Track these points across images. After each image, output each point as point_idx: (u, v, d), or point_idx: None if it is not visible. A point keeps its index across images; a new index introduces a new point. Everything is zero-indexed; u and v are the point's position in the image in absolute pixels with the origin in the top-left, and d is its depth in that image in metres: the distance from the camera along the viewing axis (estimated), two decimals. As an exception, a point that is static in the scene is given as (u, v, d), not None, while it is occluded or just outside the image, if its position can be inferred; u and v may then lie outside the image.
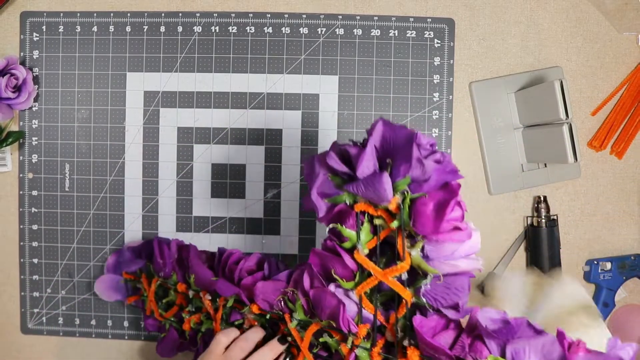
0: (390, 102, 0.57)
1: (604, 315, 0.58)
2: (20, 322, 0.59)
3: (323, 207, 0.37)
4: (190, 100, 0.57)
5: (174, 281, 0.51)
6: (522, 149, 0.57)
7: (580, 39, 0.58)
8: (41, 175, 0.58)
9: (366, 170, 0.33)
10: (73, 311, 0.58)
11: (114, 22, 0.57)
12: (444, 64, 0.57)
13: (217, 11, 0.57)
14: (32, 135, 0.58)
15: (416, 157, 0.32)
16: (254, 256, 0.48)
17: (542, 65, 0.58)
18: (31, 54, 0.58)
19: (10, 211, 0.58)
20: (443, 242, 0.33)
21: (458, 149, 0.58)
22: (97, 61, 0.58)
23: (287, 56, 0.57)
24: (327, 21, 0.57)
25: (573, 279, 0.46)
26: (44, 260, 0.58)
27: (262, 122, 0.57)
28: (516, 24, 0.57)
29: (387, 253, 0.37)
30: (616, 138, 0.58)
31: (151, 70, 0.57)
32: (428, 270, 0.34)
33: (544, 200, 0.57)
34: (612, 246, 0.59)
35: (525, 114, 0.56)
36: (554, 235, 0.56)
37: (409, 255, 0.34)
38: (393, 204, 0.33)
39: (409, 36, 0.57)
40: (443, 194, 0.33)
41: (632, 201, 0.59)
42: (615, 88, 0.58)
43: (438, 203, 0.32)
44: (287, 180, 0.57)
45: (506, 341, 0.30)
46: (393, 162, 0.33)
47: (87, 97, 0.58)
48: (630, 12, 0.55)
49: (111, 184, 0.58)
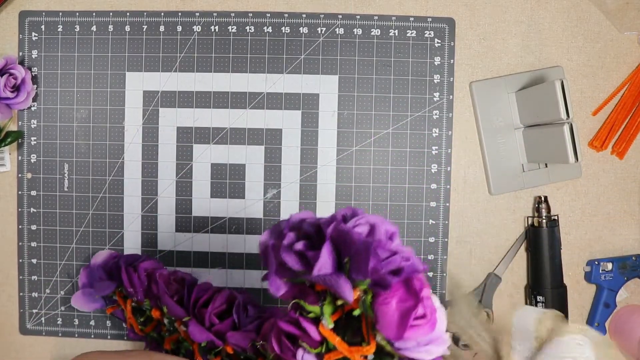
0: (390, 101, 0.57)
1: (605, 317, 0.58)
2: (18, 323, 0.59)
3: (283, 287, 0.36)
4: (190, 100, 0.57)
5: (147, 306, 0.50)
6: (522, 149, 0.57)
7: (581, 39, 0.58)
8: (40, 175, 0.58)
9: (323, 270, 0.32)
10: (72, 312, 0.58)
11: (113, 22, 0.57)
12: (444, 63, 0.57)
13: (217, 11, 0.57)
14: (31, 135, 0.58)
15: (372, 267, 0.30)
16: (222, 295, 0.47)
17: (543, 65, 0.57)
18: (30, 53, 0.57)
19: (9, 211, 0.58)
20: (408, 339, 0.32)
21: (458, 148, 0.58)
22: (96, 61, 0.57)
23: (287, 56, 0.57)
24: (327, 21, 0.57)
25: (586, 333, 0.40)
26: (42, 260, 0.58)
27: (261, 122, 0.57)
28: (517, 24, 0.57)
29: (353, 324, 0.35)
30: (617, 138, 0.58)
31: (150, 70, 0.57)
32: (394, 354, 0.33)
33: (545, 200, 0.57)
34: (613, 246, 0.59)
35: (525, 113, 0.56)
36: (554, 235, 0.56)
37: (373, 340, 0.33)
38: (354, 299, 0.32)
39: (409, 36, 0.57)
40: (406, 295, 0.31)
41: (633, 201, 0.58)
42: (616, 88, 0.58)
43: (401, 309, 0.31)
44: (287, 180, 0.57)
45: None
46: (351, 263, 0.32)
47: (86, 96, 0.58)
48: (631, 11, 0.55)
49: (110, 184, 0.58)
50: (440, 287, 0.58)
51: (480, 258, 0.58)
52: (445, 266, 0.58)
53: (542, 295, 0.55)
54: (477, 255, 0.58)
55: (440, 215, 0.57)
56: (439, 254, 0.58)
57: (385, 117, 0.57)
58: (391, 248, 0.32)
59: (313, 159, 0.57)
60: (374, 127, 0.57)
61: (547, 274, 0.56)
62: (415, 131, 0.57)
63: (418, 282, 0.31)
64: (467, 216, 0.58)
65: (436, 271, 0.58)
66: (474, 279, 0.58)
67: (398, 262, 0.31)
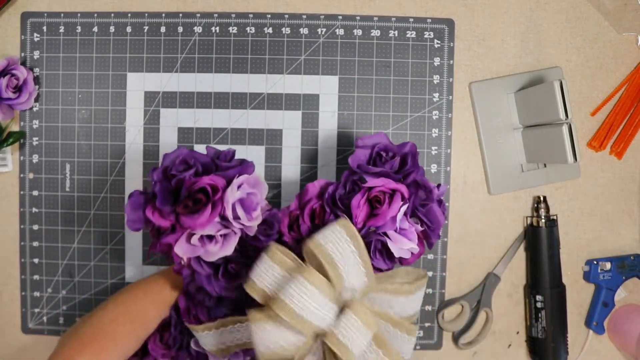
0: (390, 102, 0.57)
1: (604, 316, 0.58)
2: (20, 322, 0.59)
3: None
4: (191, 100, 0.58)
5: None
6: (521, 149, 0.57)
7: (579, 40, 0.58)
8: (42, 175, 0.58)
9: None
10: (74, 311, 0.58)
11: (115, 23, 0.57)
12: (443, 64, 0.57)
13: (218, 12, 0.57)
14: (33, 135, 0.58)
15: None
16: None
17: (542, 66, 0.58)
18: (32, 54, 0.58)
19: (11, 211, 0.59)
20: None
21: (458, 149, 0.58)
22: (97, 61, 0.58)
23: (287, 57, 0.57)
24: (327, 22, 0.57)
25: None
26: (44, 260, 0.58)
27: (262, 122, 0.58)
28: (516, 25, 0.58)
29: None
30: (616, 138, 0.58)
31: (151, 70, 0.57)
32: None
33: (544, 200, 0.57)
34: (611, 246, 0.59)
35: (524, 114, 0.56)
36: (553, 235, 0.56)
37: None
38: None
39: (408, 37, 0.57)
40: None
41: (631, 201, 0.59)
42: (614, 88, 0.58)
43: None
44: (287, 180, 0.58)
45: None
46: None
47: (88, 97, 0.58)
48: (630, 12, 0.56)
49: (111, 184, 0.58)
50: (440, 287, 0.58)
51: (479, 257, 0.58)
52: (445, 266, 0.58)
53: (541, 295, 0.56)
54: (476, 255, 0.58)
55: (439, 215, 0.58)
56: (439, 254, 0.58)
57: (385, 117, 0.57)
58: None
59: (313, 159, 0.57)
60: (373, 128, 0.57)
61: (546, 273, 0.56)
62: (415, 131, 0.57)
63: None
64: (467, 216, 0.58)
65: (436, 271, 0.58)
66: (473, 278, 0.58)
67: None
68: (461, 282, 0.58)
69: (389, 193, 0.43)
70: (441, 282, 0.58)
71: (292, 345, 0.38)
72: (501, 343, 0.59)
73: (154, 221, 0.41)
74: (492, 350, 0.59)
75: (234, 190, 0.41)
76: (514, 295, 0.59)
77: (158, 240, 0.42)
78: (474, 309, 0.58)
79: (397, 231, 0.43)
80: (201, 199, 0.41)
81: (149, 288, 0.47)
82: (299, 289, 0.37)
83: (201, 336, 0.44)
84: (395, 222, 0.42)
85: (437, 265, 0.58)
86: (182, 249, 0.41)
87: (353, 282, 0.39)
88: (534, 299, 0.56)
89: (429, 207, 0.44)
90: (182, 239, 0.41)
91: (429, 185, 0.45)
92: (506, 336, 0.59)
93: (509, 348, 0.59)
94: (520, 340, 0.59)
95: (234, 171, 0.43)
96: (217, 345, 0.44)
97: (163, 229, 0.41)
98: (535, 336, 0.57)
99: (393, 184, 0.43)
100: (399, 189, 0.43)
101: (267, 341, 0.38)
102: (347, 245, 0.39)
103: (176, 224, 0.41)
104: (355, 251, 0.39)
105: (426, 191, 0.45)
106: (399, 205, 0.42)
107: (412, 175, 0.44)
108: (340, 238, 0.39)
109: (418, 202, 0.44)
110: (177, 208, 0.40)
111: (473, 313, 0.58)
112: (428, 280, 0.58)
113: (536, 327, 0.56)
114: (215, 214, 0.40)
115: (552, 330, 0.56)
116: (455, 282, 0.58)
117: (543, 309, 0.56)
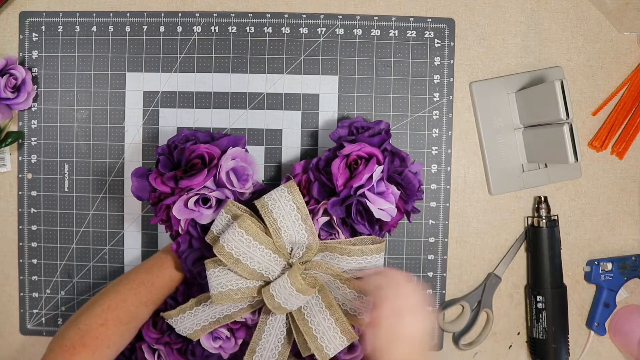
0: (390, 102, 0.57)
1: (605, 317, 0.58)
2: (19, 323, 0.59)
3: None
4: (190, 100, 0.57)
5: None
6: (522, 149, 0.57)
7: (580, 39, 0.58)
8: (40, 175, 0.58)
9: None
10: (72, 312, 0.58)
11: (114, 22, 0.57)
12: (444, 64, 0.57)
13: (217, 11, 0.57)
14: (31, 135, 0.58)
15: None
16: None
17: (543, 65, 0.57)
18: (30, 54, 0.57)
19: (10, 212, 0.58)
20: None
21: (458, 149, 0.58)
22: (96, 61, 0.57)
23: (287, 56, 0.57)
24: (327, 21, 0.57)
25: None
26: (43, 260, 0.58)
27: (262, 122, 0.57)
28: (516, 24, 0.57)
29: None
30: (617, 138, 0.58)
31: (151, 70, 0.57)
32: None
33: (545, 200, 0.57)
34: (612, 246, 0.59)
35: (525, 114, 0.56)
36: (554, 235, 0.56)
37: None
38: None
39: (409, 36, 0.57)
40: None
41: (632, 201, 0.59)
42: (616, 88, 0.58)
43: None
44: (287, 180, 0.57)
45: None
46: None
47: (87, 97, 0.58)
48: (631, 12, 0.55)
49: (110, 184, 0.58)
50: (440, 287, 0.58)
51: (480, 258, 0.58)
52: (445, 267, 0.58)
53: (542, 295, 0.56)
54: (477, 255, 0.58)
55: (440, 215, 0.57)
56: (439, 254, 0.58)
57: (385, 117, 0.57)
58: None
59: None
60: (374, 128, 0.57)
61: (547, 273, 0.56)
62: (415, 131, 0.57)
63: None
64: (467, 216, 0.58)
65: (436, 271, 0.58)
66: (474, 279, 0.58)
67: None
68: (461, 282, 0.58)
69: (366, 157, 0.47)
70: (441, 283, 0.58)
71: (237, 287, 0.45)
72: (502, 344, 0.59)
73: (156, 186, 0.47)
74: (493, 351, 0.59)
75: (228, 159, 0.48)
76: (515, 295, 0.59)
77: (159, 209, 0.48)
78: (474, 309, 0.58)
79: (374, 192, 0.46)
80: (198, 164, 0.47)
81: (139, 290, 0.48)
82: (233, 234, 0.43)
83: (177, 321, 0.48)
84: (372, 181, 0.46)
85: (437, 266, 0.58)
86: (180, 211, 0.47)
87: (292, 235, 0.45)
88: (535, 299, 0.56)
89: (404, 173, 0.49)
90: (179, 202, 0.47)
91: (402, 153, 0.50)
92: (507, 337, 0.59)
93: (510, 349, 0.59)
94: (521, 341, 0.59)
95: (227, 140, 0.49)
96: (193, 327, 0.48)
97: (164, 195, 0.48)
98: (536, 337, 0.56)
99: (368, 148, 0.47)
100: (374, 152, 0.47)
101: (218, 284, 0.45)
102: (286, 201, 0.45)
103: (175, 188, 0.47)
104: (293, 206, 0.45)
105: (400, 159, 0.50)
106: (375, 166, 0.46)
107: (385, 143, 0.48)
108: (281, 195, 0.45)
109: (394, 169, 0.49)
110: (177, 172, 0.47)
111: (474, 314, 0.58)
112: (428, 280, 0.58)
113: (537, 328, 0.56)
114: (210, 175, 0.46)
115: (553, 331, 0.55)
116: (455, 283, 0.58)
117: (544, 310, 0.56)
